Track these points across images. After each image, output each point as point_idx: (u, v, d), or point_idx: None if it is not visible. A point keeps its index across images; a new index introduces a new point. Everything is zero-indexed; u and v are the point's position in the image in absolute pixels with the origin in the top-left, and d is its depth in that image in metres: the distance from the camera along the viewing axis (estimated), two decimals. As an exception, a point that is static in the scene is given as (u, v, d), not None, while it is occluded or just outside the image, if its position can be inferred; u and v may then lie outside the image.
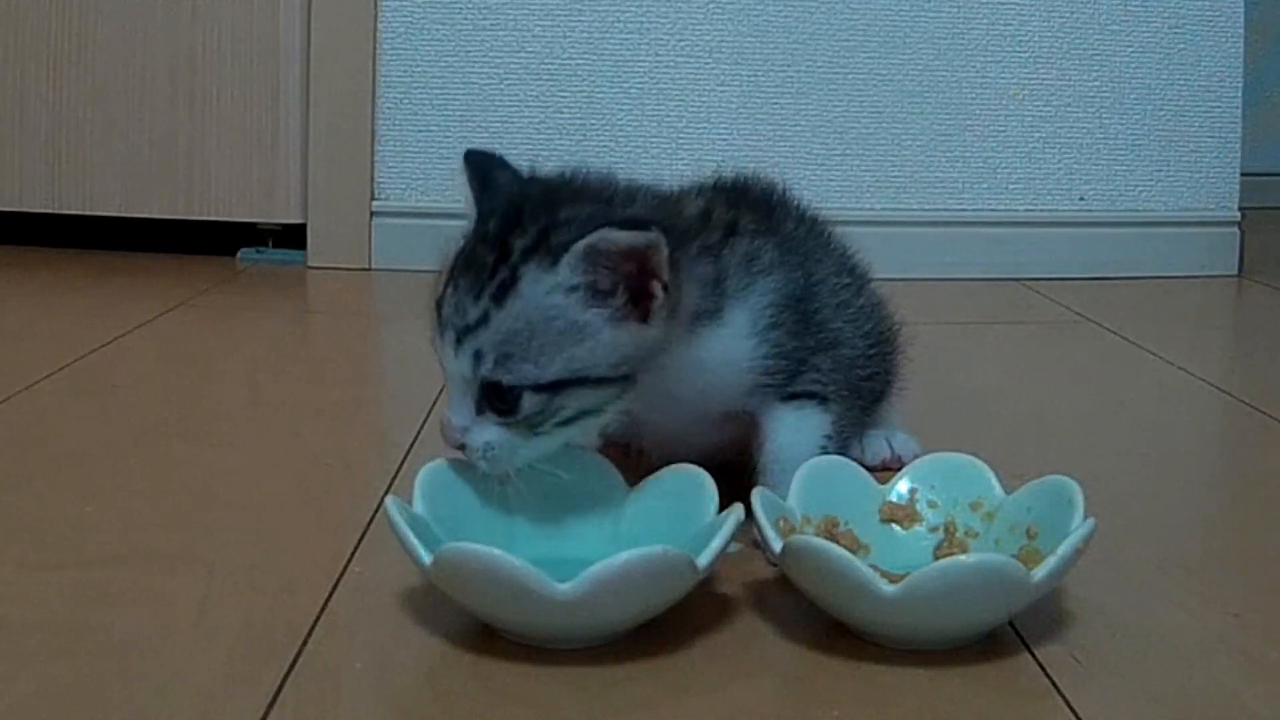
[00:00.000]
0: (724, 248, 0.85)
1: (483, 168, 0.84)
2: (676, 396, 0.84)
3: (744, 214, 0.90)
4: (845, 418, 0.92)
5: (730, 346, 0.84)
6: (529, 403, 0.76)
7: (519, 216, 0.78)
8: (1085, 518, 0.74)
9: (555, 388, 0.76)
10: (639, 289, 0.77)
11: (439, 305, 0.78)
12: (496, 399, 0.77)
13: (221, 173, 2.01)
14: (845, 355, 0.93)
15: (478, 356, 0.76)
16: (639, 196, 0.83)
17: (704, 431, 0.90)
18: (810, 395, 0.89)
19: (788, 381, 0.88)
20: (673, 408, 0.85)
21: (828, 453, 0.88)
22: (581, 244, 0.75)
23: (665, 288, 0.77)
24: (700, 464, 0.82)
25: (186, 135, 2.00)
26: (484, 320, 0.76)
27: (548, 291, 0.76)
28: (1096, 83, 2.07)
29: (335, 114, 2.01)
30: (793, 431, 0.88)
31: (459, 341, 0.76)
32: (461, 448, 0.78)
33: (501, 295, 0.76)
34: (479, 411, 0.77)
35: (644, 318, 0.77)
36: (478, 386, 0.77)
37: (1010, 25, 2.05)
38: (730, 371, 0.85)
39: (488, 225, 0.79)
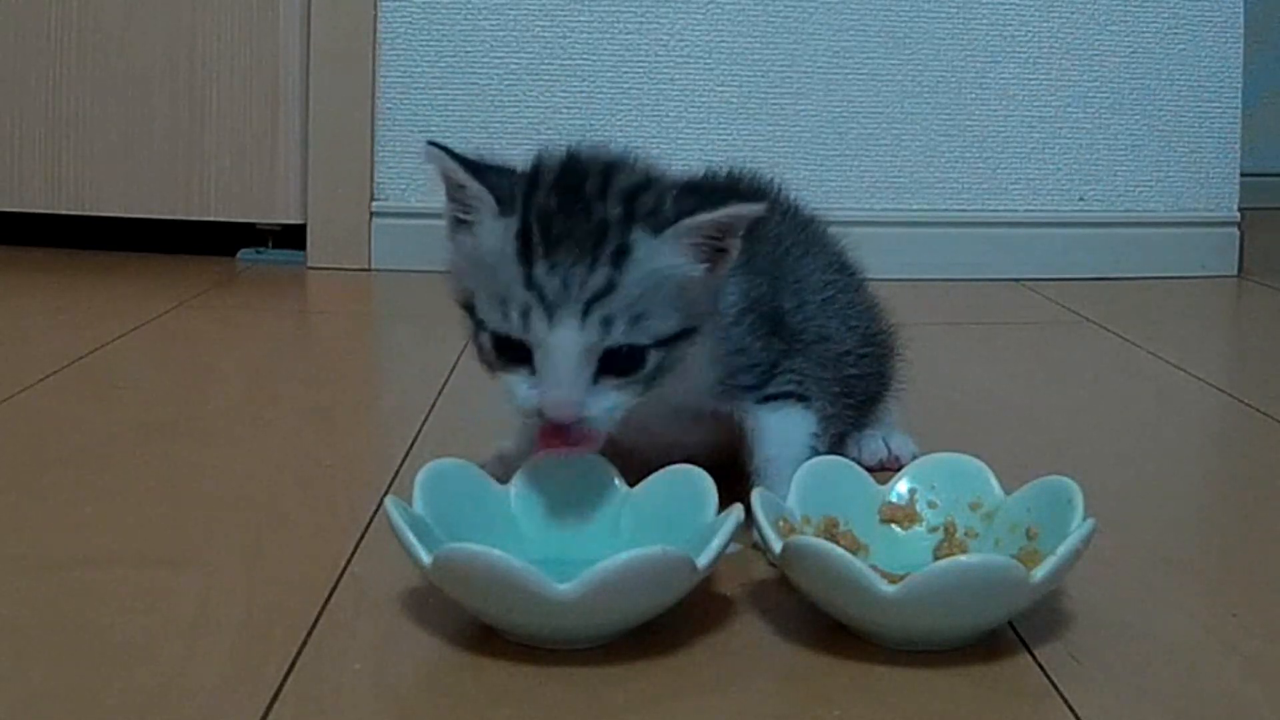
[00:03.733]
0: None
1: (455, 153, 0.83)
2: None
3: None
4: (832, 415, 0.93)
5: None
6: (653, 359, 0.79)
7: (580, 190, 0.79)
8: (1085, 518, 0.74)
9: (672, 341, 0.80)
10: (717, 247, 0.81)
11: (531, 284, 0.76)
12: (622, 361, 0.78)
13: (221, 173, 2.01)
14: (833, 351, 0.94)
15: (607, 323, 0.77)
16: (654, 170, 0.84)
17: (682, 433, 0.90)
18: (789, 395, 0.89)
19: (762, 383, 0.89)
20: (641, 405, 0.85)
21: (817, 452, 0.89)
22: (707, 217, 0.79)
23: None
24: (695, 464, 0.82)
25: (186, 135, 2.01)
26: (610, 287, 0.76)
27: (659, 256, 0.78)
28: (1096, 83, 2.07)
29: (335, 114, 2.01)
30: (779, 434, 0.89)
31: (586, 313, 0.76)
32: (565, 426, 0.79)
33: (620, 262, 0.77)
34: (594, 380, 0.78)
35: (716, 270, 0.81)
36: (599, 354, 0.77)
37: (1010, 25, 2.05)
38: (689, 363, 0.85)
39: (542, 202, 0.78)
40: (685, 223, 0.79)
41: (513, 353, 0.79)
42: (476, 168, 0.82)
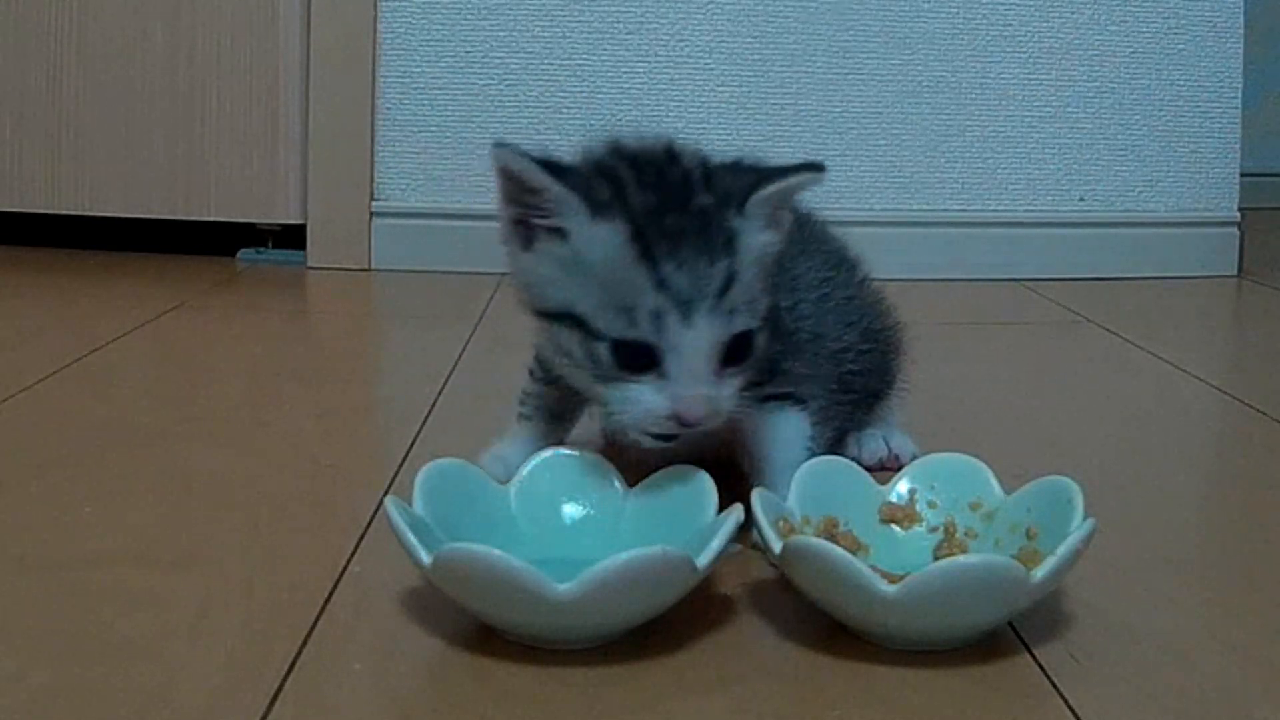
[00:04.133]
0: None
1: (530, 154, 0.80)
2: None
3: None
4: (830, 414, 0.92)
5: None
6: (759, 340, 0.80)
7: (669, 183, 0.78)
8: (1085, 518, 0.74)
9: (769, 316, 0.80)
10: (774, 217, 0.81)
11: (662, 286, 0.75)
12: (737, 348, 0.78)
13: (221, 173, 2.01)
14: (829, 349, 0.93)
15: (731, 312, 0.77)
16: (695, 147, 0.84)
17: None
18: (786, 396, 0.89)
19: (760, 382, 0.88)
20: None
21: (814, 453, 0.88)
22: (776, 186, 0.79)
23: None
24: (695, 464, 0.82)
25: (186, 135, 2.01)
26: (731, 279, 0.76)
27: (754, 234, 0.78)
28: (1096, 83, 2.07)
29: (335, 114, 2.01)
30: (777, 434, 0.89)
31: (716, 306, 0.76)
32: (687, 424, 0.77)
33: (732, 248, 0.77)
34: (716, 373, 0.78)
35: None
36: (723, 346, 0.77)
37: (1010, 25, 2.05)
38: None
39: (641, 201, 0.77)
40: (759, 195, 0.78)
41: (636, 359, 0.77)
42: (556, 169, 0.79)
